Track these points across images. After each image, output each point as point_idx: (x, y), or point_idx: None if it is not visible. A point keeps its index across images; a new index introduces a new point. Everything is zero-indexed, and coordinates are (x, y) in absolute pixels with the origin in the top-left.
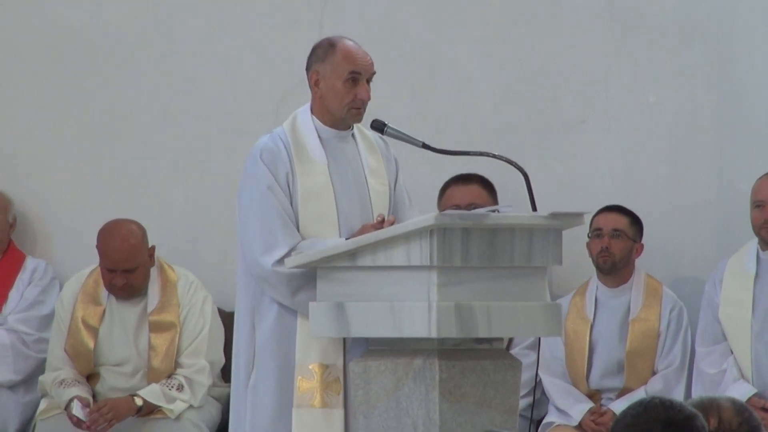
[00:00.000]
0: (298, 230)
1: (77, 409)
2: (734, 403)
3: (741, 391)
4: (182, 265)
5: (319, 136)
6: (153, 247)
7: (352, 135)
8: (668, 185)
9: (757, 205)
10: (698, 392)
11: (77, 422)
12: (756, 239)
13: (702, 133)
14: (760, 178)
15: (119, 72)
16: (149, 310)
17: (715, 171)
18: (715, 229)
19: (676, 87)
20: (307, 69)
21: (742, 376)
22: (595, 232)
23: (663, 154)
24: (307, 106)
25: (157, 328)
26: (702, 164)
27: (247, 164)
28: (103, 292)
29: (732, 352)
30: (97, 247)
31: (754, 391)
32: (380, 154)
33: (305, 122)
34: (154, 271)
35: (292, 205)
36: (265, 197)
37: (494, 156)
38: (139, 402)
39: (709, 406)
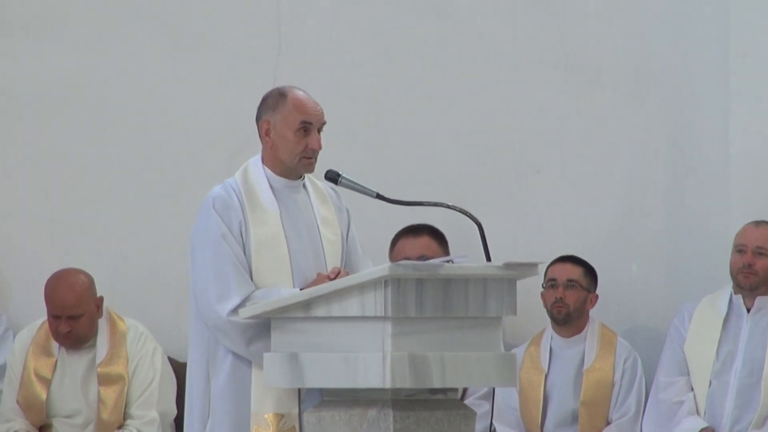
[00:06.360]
0: (252, 279)
1: None
2: None
3: (692, 424)
4: (136, 315)
5: (271, 186)
6: (101, 298)
7: (304, 185)
8: (622, 235)
9: (738, 249)
10: (651, 420)
11: None
12: (731, 283)
13: (655, 183)
14: (746, 225)
15: (73, 123)
16: (98, 361)
17: (670, 221)
18: (670, 279)
19: (629, 138)
20: (258, 119)
21: (697, 412)
22: (550, 283)
23: (617, 205)
24: (258, 156)
25: (105, 380)
26: (656, 214)
27: (200, 214)
28: (54, 344)
29: (692, 388)
30: (44, 294)
31: (704, 425)
32: (332, 204)
33: (257, 172)
34: (103, 322)
35: (245, 253)
36: (219, 246)
37: (448, 206)
38: None
39: None
